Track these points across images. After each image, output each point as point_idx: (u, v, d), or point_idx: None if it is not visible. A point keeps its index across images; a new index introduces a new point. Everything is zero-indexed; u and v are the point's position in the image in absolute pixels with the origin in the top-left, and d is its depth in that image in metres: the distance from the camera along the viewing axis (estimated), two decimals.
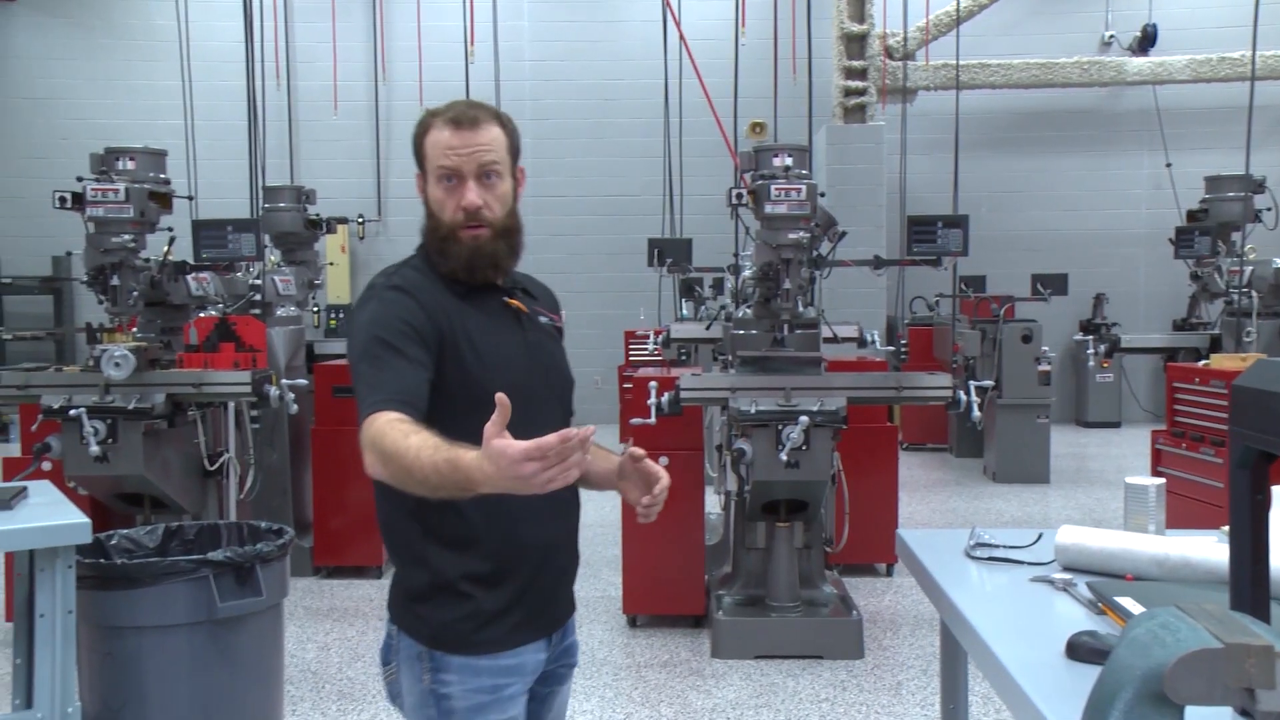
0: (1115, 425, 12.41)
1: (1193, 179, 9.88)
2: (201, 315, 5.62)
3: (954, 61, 10.55)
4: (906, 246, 5.84)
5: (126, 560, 3.40)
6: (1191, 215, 8.55)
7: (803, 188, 4.91)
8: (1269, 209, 8.10)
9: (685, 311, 9.46)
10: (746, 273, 5.59)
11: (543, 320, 2.16)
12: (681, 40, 7.23)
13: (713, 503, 6.11)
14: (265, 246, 6.46)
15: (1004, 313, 9.11)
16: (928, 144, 11.93)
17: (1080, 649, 1.74)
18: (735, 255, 6.73)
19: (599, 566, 6.14)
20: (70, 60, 13.07)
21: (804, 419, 4.48)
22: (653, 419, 4.79)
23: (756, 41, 11.42)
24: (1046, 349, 9.05)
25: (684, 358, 8.16)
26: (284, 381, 5.39)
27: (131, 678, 3.20)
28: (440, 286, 2.02)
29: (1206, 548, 2.15)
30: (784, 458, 4.52)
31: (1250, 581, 1.49)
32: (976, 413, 4.86)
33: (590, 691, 4.49)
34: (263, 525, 3.69)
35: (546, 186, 12.18)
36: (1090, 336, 10.30)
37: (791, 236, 4.92)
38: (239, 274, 6.26)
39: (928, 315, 11.34)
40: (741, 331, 5.33)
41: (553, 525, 2.07)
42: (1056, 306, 10.41)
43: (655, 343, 8.38)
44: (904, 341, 9.07)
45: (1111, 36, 12.95)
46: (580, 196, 12.64)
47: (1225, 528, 1.59)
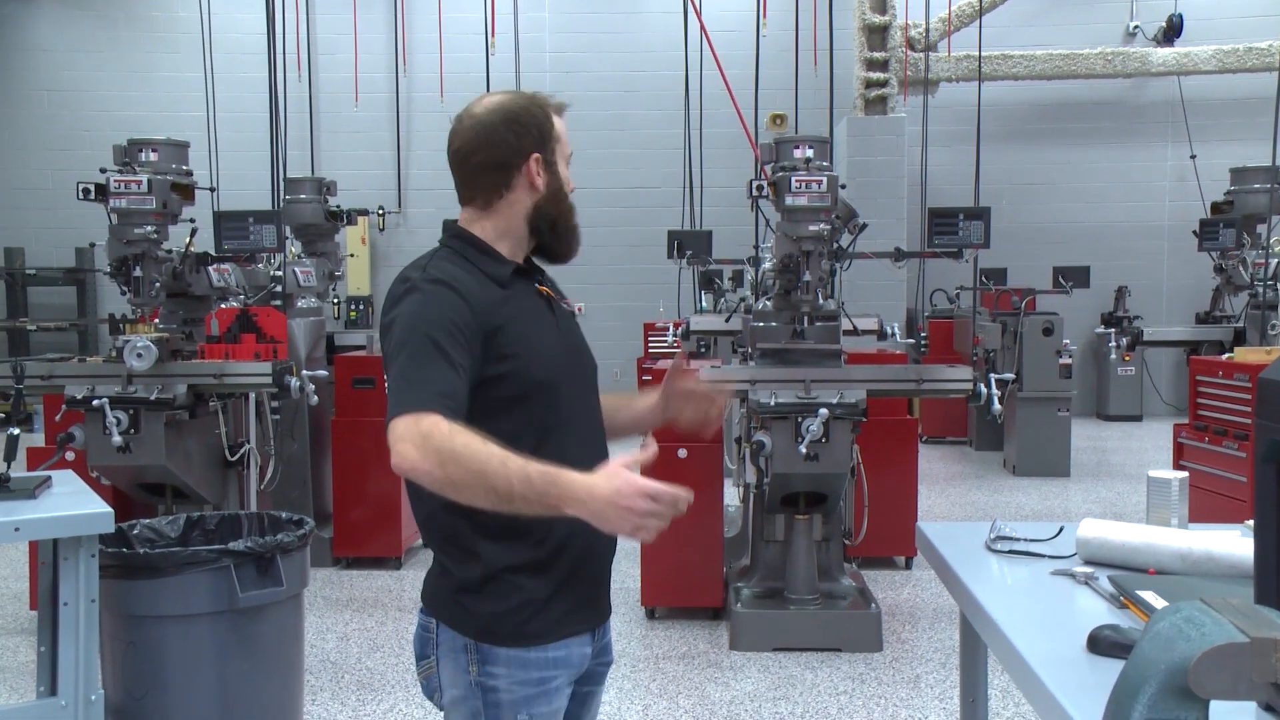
0: (1137, 419, 12.34)
1: (1217, 171, 9.78)
2: (223, 306, 5.64)
3: (976, 53, 10.50)
4: (927, 239, 5.82)
5: (149, 550, 3.43)
6: (1216, 207, 8.48)
7: (823, 180, 4.90)
8: None
9: (705, 304, 9.43)
10: (766, 265, 5.57)
11: (565, 306, 2.17)
12: (702, 31, 7.22)
13: (731, 495, 6.10)
14: (286, 238, 6.49)
15: (1025, 305, 9.06)
16: (949, 136, 11.87)
17: (1102, 643, 1.72)
18: (755, 247, 6.70)
19: (617, 558, 6.01)
20: (93, 53, 13.16)
21: (823, 411, 4.48)
22: None
23: (778, 33, 11.40)
24: (1068, 342, 8.99)
25: (703, 350, 8.15)
26: (304, 373, 5.42)
27: (153, 666, 3.22)
28: (482, 279, 1.98)
29: (1231, 541, 2.13)
30: (803, 450, 4.52)
31: (1276, 575, 1.47)
32: (997, 406, 4.85)
33: (608, 683, 4.45)
34: (283, 516, 3.70)
35: None
36: (1112, 329, 10.25)
37: (812, 229, 4.91)
38: (260, 265, 6.29)
39: (948, 308, 11.30)
40: (761, 324, 5.32)
41: None
42: (1078, 299, 10.33)
43: (675, 335, 8.38)
44: (924, 334, 9.04)
45: (1136, 27, 12.85)
46: (600, 188, 12.63)
47: (1249, 521, 1.58)
